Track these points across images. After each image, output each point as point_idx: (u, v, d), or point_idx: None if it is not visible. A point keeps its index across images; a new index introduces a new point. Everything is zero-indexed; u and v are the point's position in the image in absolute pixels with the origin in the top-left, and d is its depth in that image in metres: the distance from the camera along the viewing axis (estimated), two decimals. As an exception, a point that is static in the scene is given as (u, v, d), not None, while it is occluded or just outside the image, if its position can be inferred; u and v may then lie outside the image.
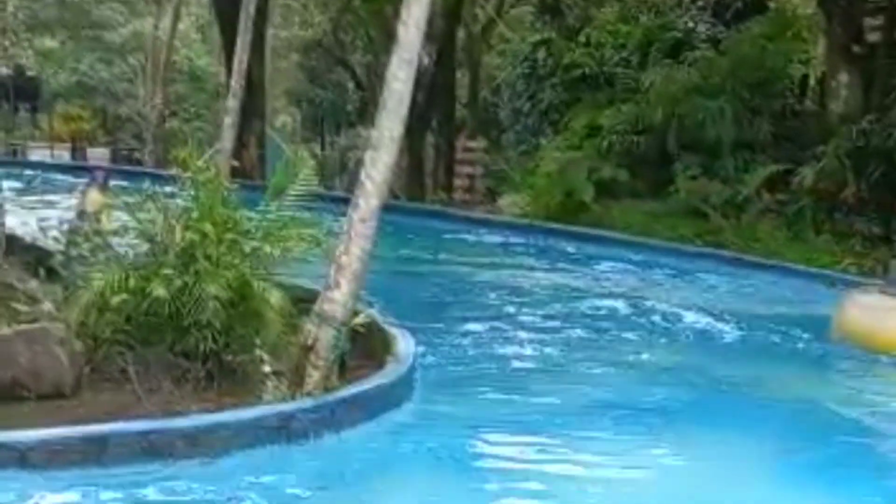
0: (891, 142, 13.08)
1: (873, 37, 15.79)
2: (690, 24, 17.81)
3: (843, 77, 15.45)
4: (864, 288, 10.41)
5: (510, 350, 9.26)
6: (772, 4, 18.58)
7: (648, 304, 11.34)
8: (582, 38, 18.71)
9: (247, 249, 7.06)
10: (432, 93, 21.60)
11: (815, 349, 9.81)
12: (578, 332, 10.08)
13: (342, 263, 6.82)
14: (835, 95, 15.56)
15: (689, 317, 10.92)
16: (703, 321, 10.75)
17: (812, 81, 16.82)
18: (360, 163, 7.30)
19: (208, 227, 6.88)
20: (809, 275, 13.06)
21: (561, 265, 13.83)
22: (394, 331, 7.91)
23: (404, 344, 7.68)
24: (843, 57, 15.53)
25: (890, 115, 13.52)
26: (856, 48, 15.62)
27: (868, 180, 13.63)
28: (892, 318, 9.44)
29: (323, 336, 6.74)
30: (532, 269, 13.51)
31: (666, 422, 7.40)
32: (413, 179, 21.99)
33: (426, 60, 21.47)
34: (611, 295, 11.94)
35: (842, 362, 9.45)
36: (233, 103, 9.77)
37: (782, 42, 16.62)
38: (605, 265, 13.86)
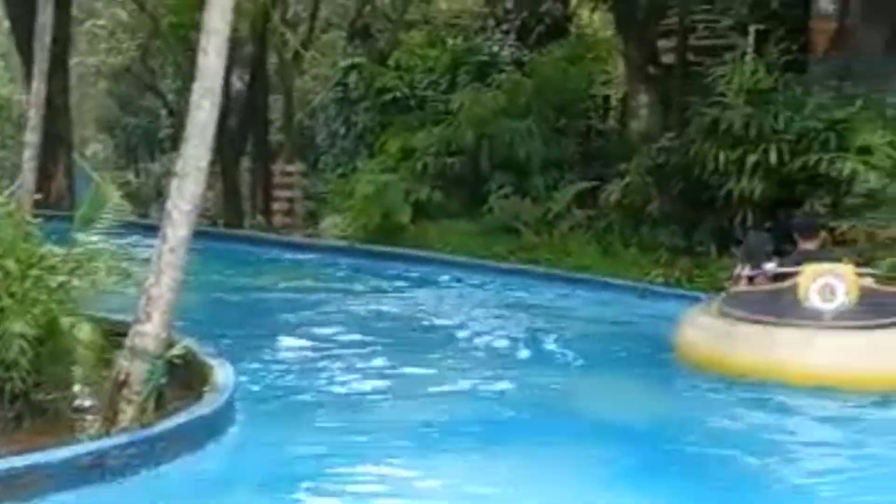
0: (689, 158, 13.62)
1: (668, 58, 16.50)
2: (496, 48, 18.25)
3: (642, 97, 16.08)
4: (701, 307, 10.38)
5: (333, 375, 9.28)
6: (572, 28, 19.24)
7: (465, 321, 11.57)
8: (392, 63, 18.94)
9: (53, 284, 6.93)
10: (246, 117, 21.52)
11: (633, 362, 10.10)
12: (402, 353, 10.19)
13: (152, 295, 6.77)
14: (635, 115, 16.18)
15: (508, 333, 11.19)
16: (522, 337, 11.03)
17: (614, 101, 17.42)
18: (173, 191, 7.24)
19: (11, 265, 6.73)
20: (619, 287, 13.52)
21: (381, 286, 13.94)
22: (212, 360, 7.85)
23: (223, 373, 7.63)
24: (641, 78, 16.17)
25: (687, 132, 14.09)
26: (652, 69, 16.28)
27: (670, 195, 14.17)
28: (729, 340, 9.36)
29: (136, 370, 6.67)
30: (353, 290, 13.58)
31: (490, 441, 7.53)
32: (230, 205, 21.83)
33: (238, 85, 21.40)
34: (431, 314, 12.12)
35: (666, 378, 9.63)
36: (31, 137, 9.49)
37: (584, 64, 17.21)
38: (423, 284, 14.06)
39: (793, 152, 12.86)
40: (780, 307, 9.11)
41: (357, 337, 10.78)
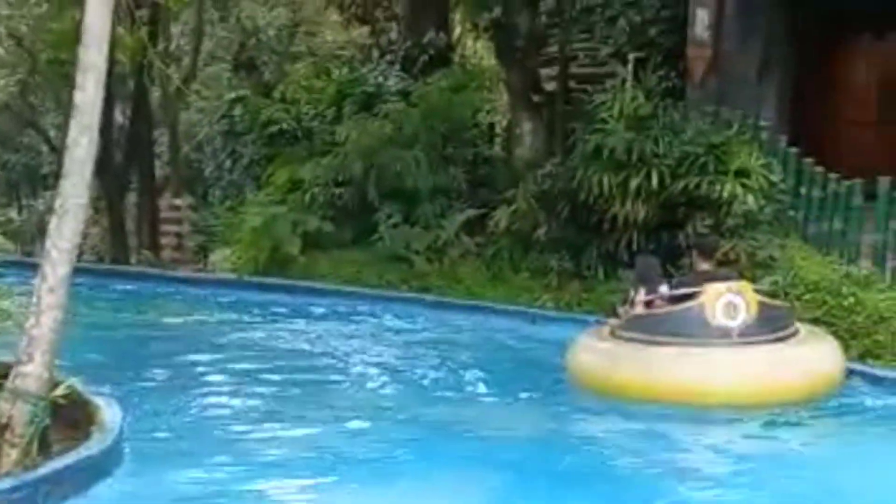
0: (574, 183, 13.82)
1: (550, 86, 16.77)
2: (381, 79, 18.32)
3: (526, 125, 16.29)
4: (592, 331, 10.52)
5: (223, 412, 9.24)
6: (456, 58, 19.43)
7: (355, 352, 11.59)
8: (277, 95, 18.90)
9: (-69, 327, 6.78)
10: (130, 152, 21.24)
11: (523, 387, 10.19)
12: (292, 386, 10.17)
13: (34, 335, 6.66)
14: (520, 142, 16.37)
15: (399, 362, 11.24)
16: (413, 365, 11.09)
17: (499, 129, 17.61)
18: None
19: None
20: (509, 313, 13.66)
21: (271, 319, 13.88)
22: (98, 400, 7.72)
23: (110, 412, 7.52)
24: (524, 105, 16.39)
25: (572, 158, 14.30)
26: (535, 97, 16.52)
27: (557, 220, 14.35)
28: (620, 363, 9.55)
29: (18, 412, 6.55)
30: (242, 324, 13.49)
31: (382, 471, 7.60)
32: (116, 241, 21.47)
33: (121, 119, 21.14)
34: (321, 346, 12.11)
35: (557, 402, 9.83)
36: None
37: (468, 93, 17.37)
38: (315, 315, 14.02)
39: (674, 175, 13.14)
40: (690, 327, 9.35)
41: (246, 372, 10.73)
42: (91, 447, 6.98)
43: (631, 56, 14.55)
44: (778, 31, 15.38)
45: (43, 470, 6.49)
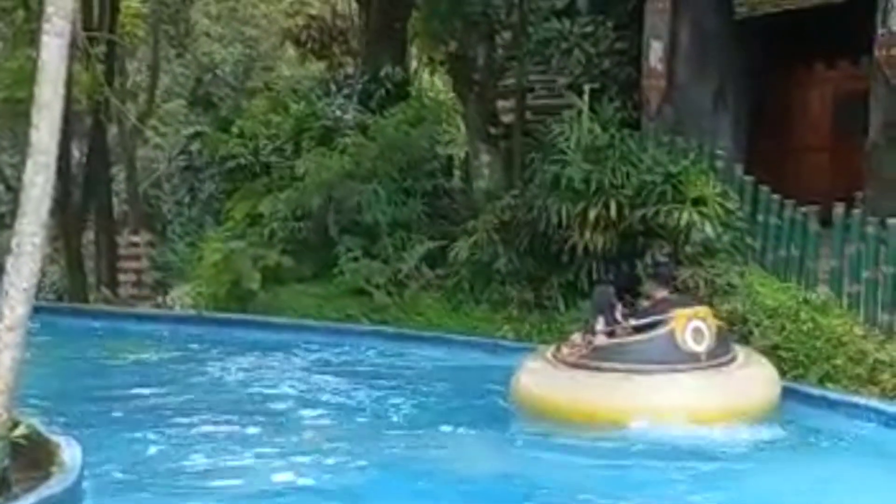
0: (533, 214, 13.89)
1: (508, 118, 16.88)
2: (339, 113, 18.36)
3: (485, 156, 16.42)
4: (534, 354, 10.80)
5: (182, 449, 9.17)
6: (413, 91, 19.49)
7: (313, 385, 11.58)
8: (235, 129, 18.88)
9: None
10: (87, 189, 21.16)
11: (482, 418, 10.25)
12: (250, 422, 10.11)
13: (-7, 376, 6.60)
14: (479, 174, 16.49)
15: (358, 395, 11.23)
16: (372, 398, 11.09)
17: (458, 161, 17.69)
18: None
19: None
20: (471, 344, 13.67)
21: (229, 354, 13.78)
22: (58, 439, 7.65)
23: (70, 452, 7.45)
24: (482, 138, 16.51)
25: (530, 189, 14.38)
26: (492, 129, 16.63)
27: (517, 251, 14.40)
28: (560, 386, 9.84)
29: (-23, 453, 6.48)
30: (201, 360, 13.41)
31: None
32: (75, 278, 21.34)
33: (78, 156, 21.05)
34: (279, 381, 12.06)
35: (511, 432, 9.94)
36: None
37: (426, 126, 17.44)
38: (275, 350, 13.93)
39: (632, 205, 13.24)
40: (661, 354, 9.63)
41: (205, 408, 10.68)
42: (52, 486, 6.90)
43: (586, 87, 14.65)
44: (732, 61, 15.59)
45: (3, 511, 6.43)
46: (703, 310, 10.16)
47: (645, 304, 10.48)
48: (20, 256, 6.76)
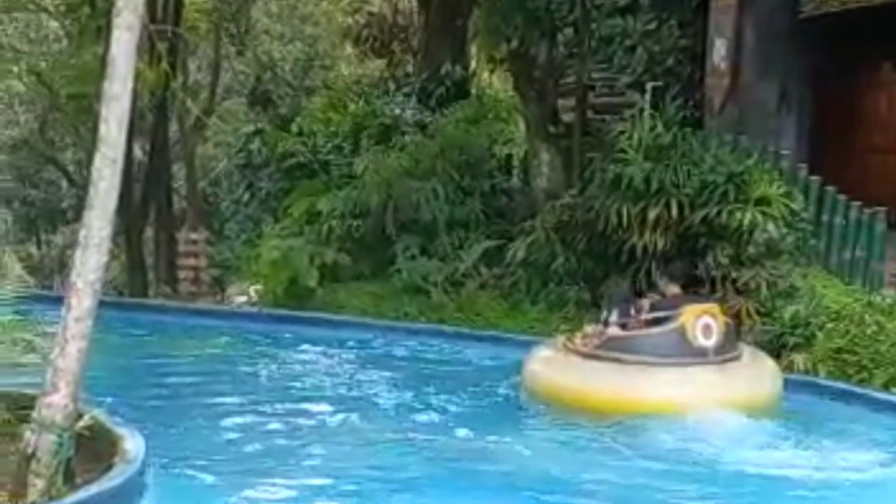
0: (592, 214, 13.80)
1: (568, 116, 16.77)
2: (398, 111, 18.36)
3: (544, 156, 16.26)
4: (546, 344, 11.22)
5: (243, 443, 9.23)
6: (473, 89, 19.46)
7: (372, 383, 11.57)
8: (294, 128, 18.94)
9: (-45, 359, 6.79)
10: (148, 186, 21.32)
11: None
12: (309, 417, 10.15)
13: (59, 366, 6.66)
14: (538, 173, 16.33)
15: (415, 394, 11.21)
16: (429, 397, 11.07)
17: (516, 160, 17.62)
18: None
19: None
20: (527, 343, 13.58)
21: (288, 350, 13.83)
22: (121, 430, 7.73)
23: (133, 443, 7.52)
24: (542, 137, 16.36)
25: (590, 189, 14.28)
26: (552, 128, 16.50)
27: (575, 251, 14.32)
28: (570, 373, 10.29)
29: (43, 443, 6.55)
30: (260, 356, 13.45)
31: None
32: (135, 275, 21.53)
33: (140, 155, 21.23)
34: (338, 377, 12.08)
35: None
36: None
37: (485, 124, 17.40)
38: (332, 347, 13.96)
39: (693, 205, 13.10)
40: (672, 348, 10.16)
41: (265, 402, 10.73)
42: (114, 478, 6.97)
43: (649, 86, 14.55)
44: (797, 61, 15.37)
45: (67, 500, 6.49)
46: (712, 307, 10.61)
47: (657, 299, 11.04)
48: (87, 249, 6.81)
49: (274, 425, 9.78)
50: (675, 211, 13.06)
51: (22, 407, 6.97)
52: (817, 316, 12.20)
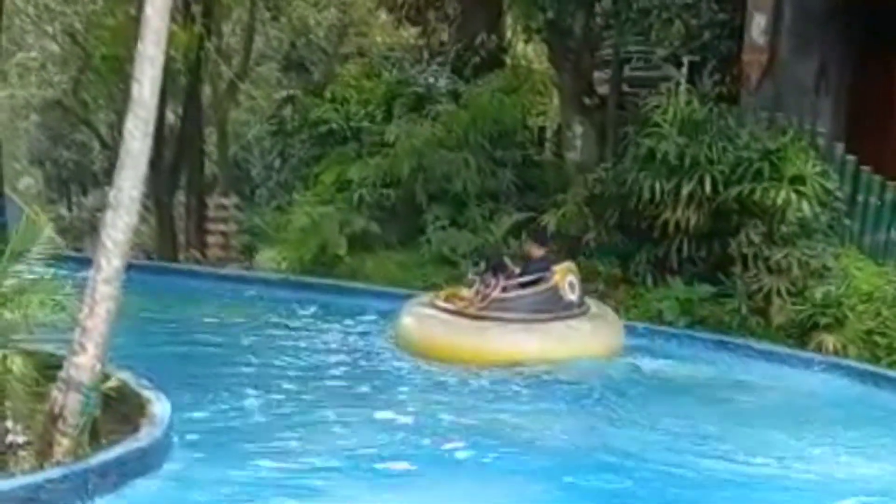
0: (624, 188, 13.70)
1: (603, 89, 16.63)
2: (431, 80, 18.26)
3: (578, 128, 16.17)
4: (416, 304, 12.05)
5: (269, 408, 9.22)
6: (507, 60, 19.32)
7: (397, 353, 11.55)
8: (327, 94, 18.89)
9: (-15, 317, 6.80)
10: (180, 150, 21.37)
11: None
12: (337, 384, 10.16)
13: (87, 327, 6.67)
14: (571, 145, 16.25)
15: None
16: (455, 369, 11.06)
17: (549, 132, 17.50)
18: (104, 223, 7.14)
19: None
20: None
21: (316, 318, 13.84)
22: (147, 393, 7.76)
23: (159, 406, 7.55)
24: (576, 109, 16.25)
25: (623, 162, 14.18)
26: (587, 100, 16.38)
27: (606, 225, 14.24)
28: (440, 327, 11.28)
29: (70, 403, 6.56)
30: (288, 323, 13.46)
31: (428, 471, 7.57)
32: (164, 238, 21.65)
33: (171, 118, 21.26)
34: (366, 346, 12.06)
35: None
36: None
37: (519, 96, 17.27)
38: (359, 316, 13.95)
39: (727, 182, 12.99)
40: (550, 304, 11.41)
41: (292, 369, 10.72)
42: (140, 439, 7.00)
43: (686, 59, 14.39)
44: (835, 39, 15.14)
45: (93, 460, 6.51)
46: (572, 265, 11.93)
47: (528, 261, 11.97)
48: (117, 209, 6.81)
49: (300, 391, 9.78)
50: (708, 187, 12.95)
51: (50, 367, 6.98)
52: (849, 297, 12.09)
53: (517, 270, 11.71)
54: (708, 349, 12.12)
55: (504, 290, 11.44)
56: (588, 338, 11.29)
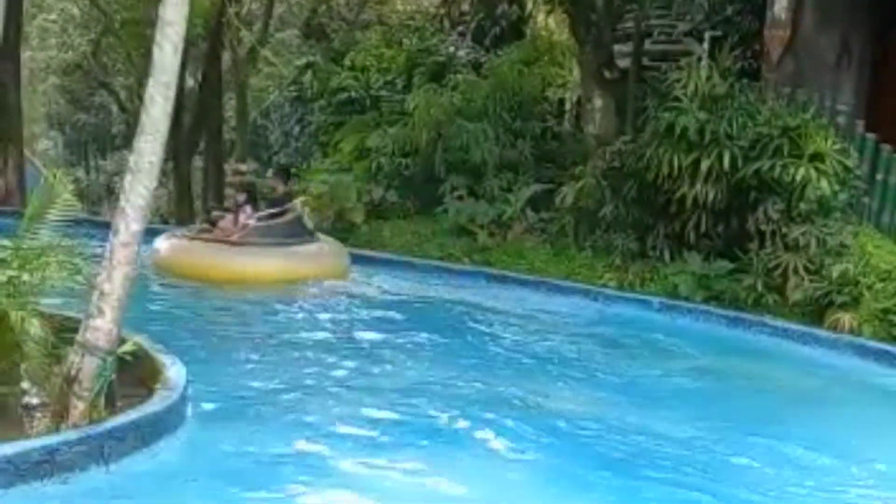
0: (643, 162, 13.65)
1: (623, 62, 16.55)
2: (452, 49, 18.21)
3: (598, 101, 16.10)
4: (171, 232, 13.87)
5: (284, 374, 9.23)
6: (528, 31, 19.24)
7: (413, 322, 11.55)
8: (347, 62, 18.85)
9: (3, 279, 6.83)
10: (199, 115, 21.38)
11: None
12: (354, 352, 10.16)
13: (104, 290, 6.69)
14: (590, 118, 16.18)
15: (456, 335, 11.20)
16: (471, 340, 11.06)
17: (569, 105, 17.44)
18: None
19: (-41, 259, 6.63)
20: (572, 290, 13.52)
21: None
22: (163, 358, 7.77)
23: (175, 371, 7.56)
24: (597, 81, 16.18)
25: (642, 136, 14.12)
26: (607, 73, 16.30)
27: (624, 199, 14.20)
28: (190, 252, 12.91)
29: (87, 366, 6.59)
30: (301, 289, 13.48)
31: (441, 439, 7.59)
32: (182, 203, 21.70)
33: (191, 83, 21.26)
34: (382, 315, 12.08)
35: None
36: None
37: (539, 67, 17.21)
38: (375, 285, 13.96)
39: (746, 158, 12.94)
40: (299, 231, 13.47)
41: (307, 336, 10.74)
42: (156, 404, 7.02)
43: (707, 34, 14.30)
44: (858, 17, 15.01)
45: (109, 424, 6.54)
46: (306, 199, 14.57)
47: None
48: (137, 174, 6.82)
49: (316, 360, 9.78)
50: (727, 163, 12.90)
51: (67, 330, 7.01)
52: (866, 275, 12.05)
53: (261, 206, 13.71)
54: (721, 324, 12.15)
55: (259, 219, 13.37)
56: (329, 258, 13.42)
